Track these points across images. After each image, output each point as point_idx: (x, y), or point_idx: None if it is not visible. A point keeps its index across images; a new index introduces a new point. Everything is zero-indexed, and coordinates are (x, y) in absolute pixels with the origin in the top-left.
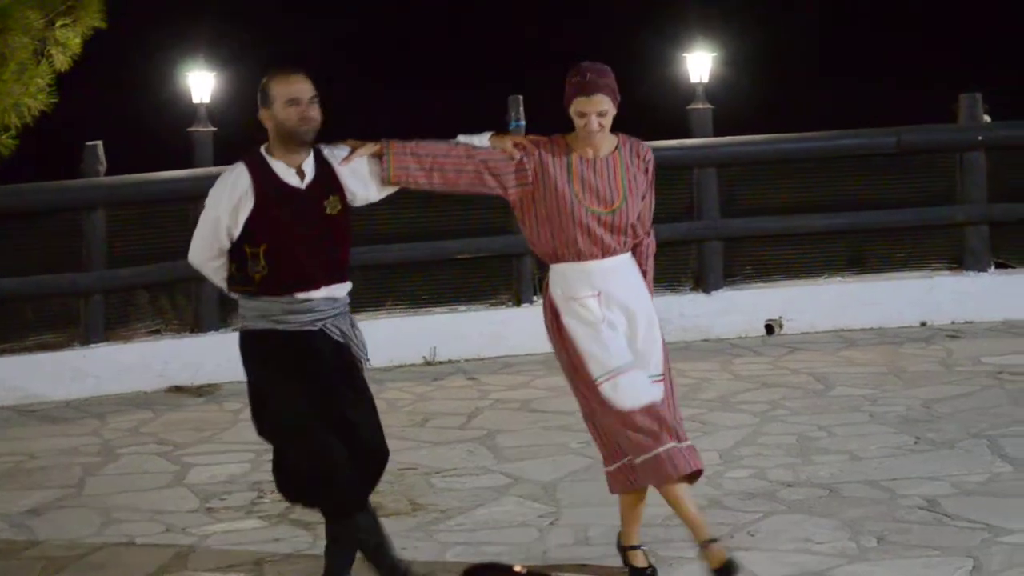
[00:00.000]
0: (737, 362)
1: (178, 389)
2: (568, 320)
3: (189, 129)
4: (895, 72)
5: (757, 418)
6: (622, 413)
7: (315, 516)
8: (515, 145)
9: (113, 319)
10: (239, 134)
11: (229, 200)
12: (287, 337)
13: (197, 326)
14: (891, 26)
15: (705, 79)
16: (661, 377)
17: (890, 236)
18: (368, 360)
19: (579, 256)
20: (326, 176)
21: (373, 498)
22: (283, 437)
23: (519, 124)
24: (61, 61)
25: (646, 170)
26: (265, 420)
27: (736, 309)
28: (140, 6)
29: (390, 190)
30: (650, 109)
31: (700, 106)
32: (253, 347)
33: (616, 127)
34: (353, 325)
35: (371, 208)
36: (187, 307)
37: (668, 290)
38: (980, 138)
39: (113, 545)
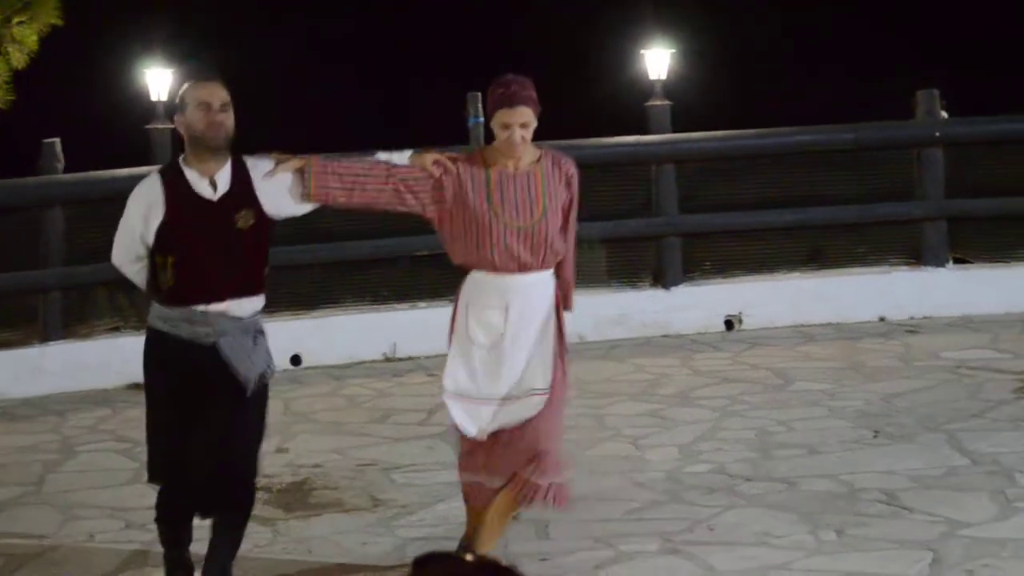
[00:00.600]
0: (697, 357)
1: (137, 386)
2: (458, 334)
3: (147, 126)
4: (853, 68)
5: (716, 413)
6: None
7: (274, 513)
8: (434, 163)
9: (72, 316)
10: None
11: (141, 208)
12: (178, 345)
13: None
14: (848, 22)
15: (663, 75)
16: (544, 392)
17: (849, 232)
18: (255, 384)
19: (494, 268)
20: (241, 189)
21: (332, 494)
22: (148, 445)
23: (477, 120)
24: (18, 59)
25: (568, 184)
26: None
27: (695, 305)
28: (97, 3)
29: (310, 206)
30: (609, 105)
31: (658, 102)
32: (148, 350)
33: (575, 122)
34: (256, 344)
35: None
36: (146, 305)
37: (628, 286)
38: (938, 134)
39: (73, 542)
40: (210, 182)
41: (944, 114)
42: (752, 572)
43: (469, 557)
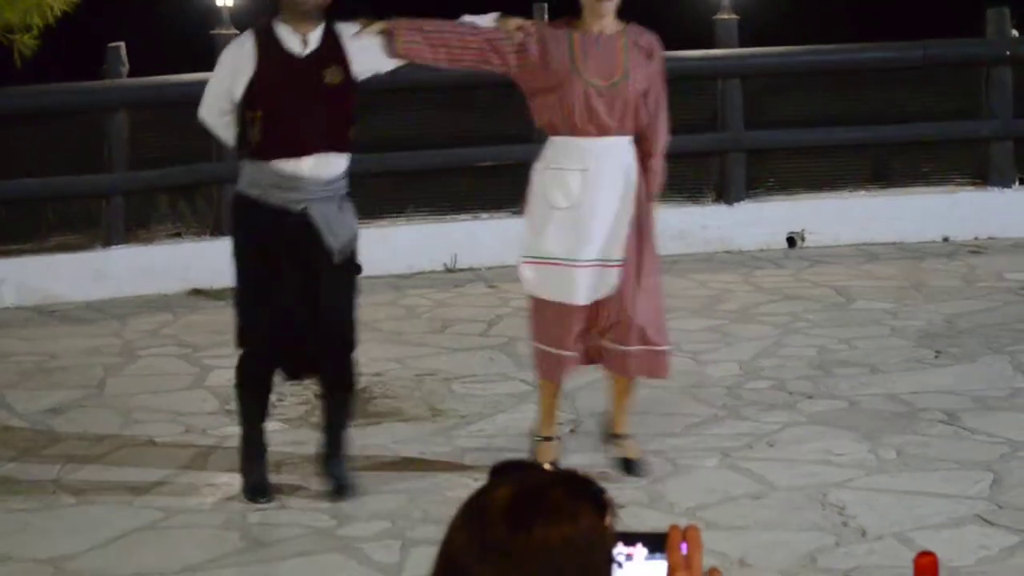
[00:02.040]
0: (758, 274)
1: (197, 292)
2: (534, 198)
3: (212, 32)
4: None
5: (778, 330)
6: (551, 303)
7: None
8: (518, 27)
9: (134, 221)
10: None
11: (232, 62)
12: (268, 212)
13: (217, 229)
14: None
15: None
16: (620, 263)
17: (914, 150)
18: (341, 251)
19: (574, 130)
20: (331, 46)
21: (392, 403)
22: (236, 312)
23: None
24: None
25: (651, 55)
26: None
27: (758, 221)
28: None
29: (397, 63)
30: (675, 20)
31: (725, 16)
32: (237, 215)
33: None
34: (342, 209)
35: (394, 115)
36: (208, 210)
37: (690, 201)
38: (1008, 53)
39: (133, 445)
40: (301, 39)
41: (1015, 32)
42: (811, 489)
43: (547, 466)
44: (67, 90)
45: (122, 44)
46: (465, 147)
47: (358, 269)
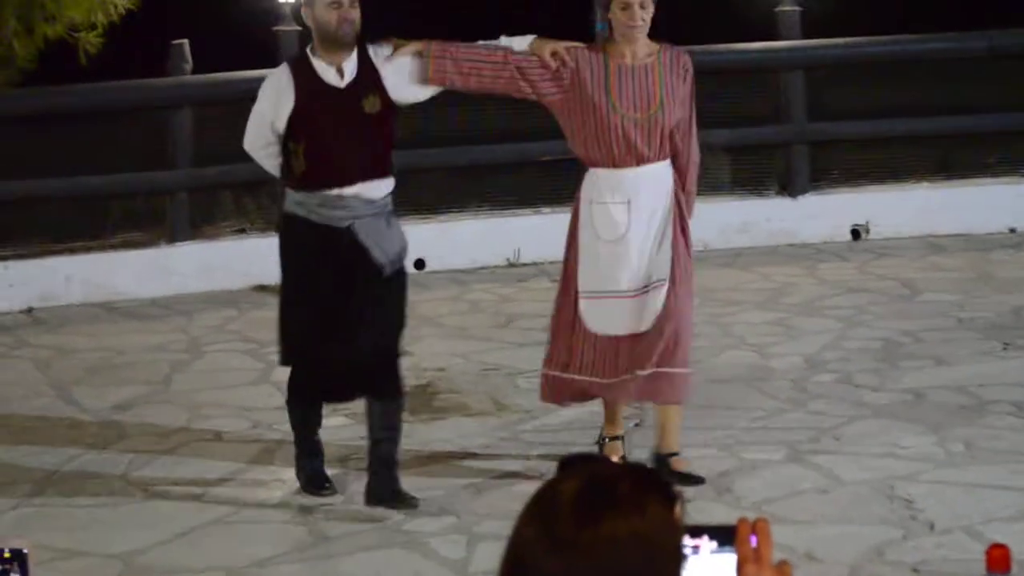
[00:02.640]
0: (822, 267)
1: (262, 288)
2: (583, 229)
3: (275, 28)
4: None
5: (842, 323)
6: (590, 333)
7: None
8: (553, 54)
9: (198, 218)
10: None
11: (271, 96)
12: (315, 230)
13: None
14: None
15: None
16: (664, 282)
17: (979, 141)
18: (392, 265)
19: (613, 163)
20: (367, 75)
21: (457, 398)
22: (281, 328)
23: (603, 27)
24: None
25: (685, 78)
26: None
27: (822, 214)
28: None
29: (431, 91)
30: (738, 10)
31: (788, 8)
32: (284, 233)
33: (703, 26)
34: (390, 225)
35: (454, 109)
36: (272, 207)
37: (753, 194)
38: None
39: (200, 440)
40: (337, 70)
41: None
42: (879, 483)
43: (616, 459)
44: (131, 87)
45: (186, 41)
46: (526, 142)
47: (421, 264)
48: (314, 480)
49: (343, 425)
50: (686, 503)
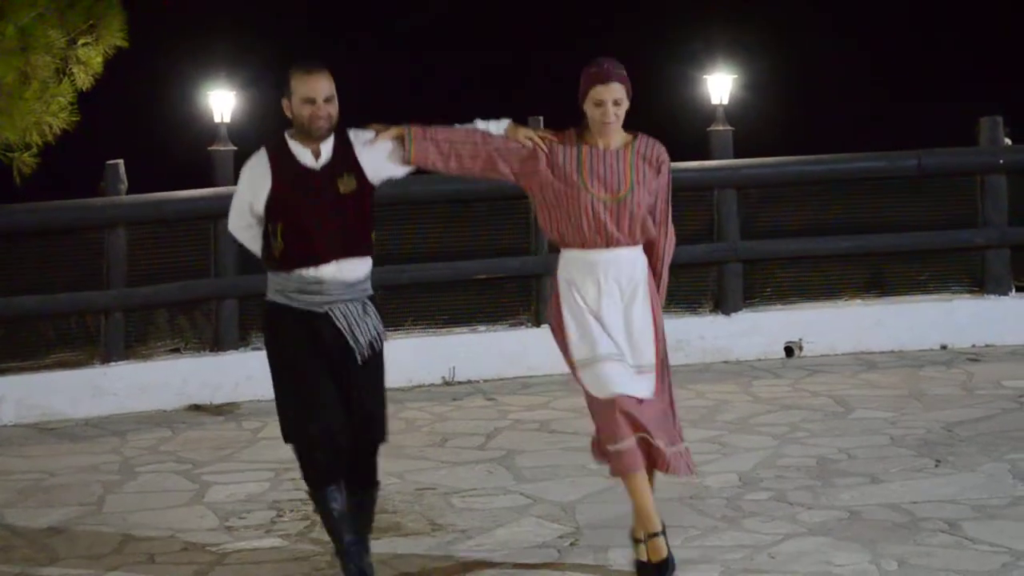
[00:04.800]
0: (757, 384)
1: (197, 408)
2: (564, 305)
3: (210, 148)
4: (915, 93)
5: (777, 440)
6: (598, 399)
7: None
8: (528, 137)
9: (133, 337)
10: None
11: (249, 180)
12: (295, 316)
13: (216, 345)
14: (911, 47)
15: (725, 100)
16: (651, 369)
17: (911, 259)
18: (366, 352)
19: (584, 244)
20: (343, 156)
21: (391, 518)
22: (279, 410)
23: None
24: (83, 80)
25: (658, 170)
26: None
27: (756, 331)
28: (161, 25)
29: (409, 169)
30: (670, 130)
31: (720, 128)
32: (267, 321)
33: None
34: (366, 311)
35: (392, 229)
36: (207, 326)
37: (688, 312)
38: (1001, 161)
39: (133, 563)
40: (313, 152)
41: (1007, 141)
42: None
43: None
44: (66, 207)
45: (121, 161)
46: (461, 260)
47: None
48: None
49: (277, 547)
50: None
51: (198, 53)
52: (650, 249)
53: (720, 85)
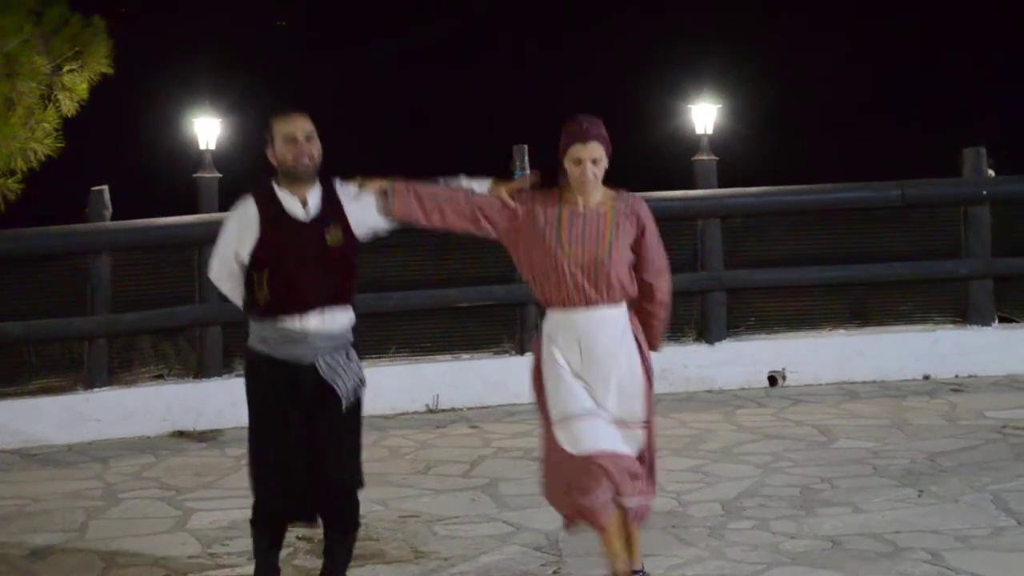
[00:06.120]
0: (740, 413)
1: (181, 434)
2: (544, 363)
3: (195, 175)
4: (899, 124)
5: (760, 469)
6: (572, 456)
7: (316, 563)
8: (510, 194)
9: (117, 364)
10: (244, 180)
11: (237, 226)
12: (279, 368)
13: (200, 371)
14: (895, 79)
15: (709, 131)
16: (643, 424)
17: (894, 289)
18: (352, 399)
19: (563, 303)
20: (330, 208)
21: (374, 545)
22: (250, 451)
23: (523, 173)
24: (68, 106)
25: (642, 227)
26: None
27: (739, 360)
28: (147, 52)
29: (393, 222)
30: (655, 160)
31: (704, 157)
32: (250, 371)
33: (622, 176)
34: (349, 358)
35: (376, 256)
36: (190, 352)
37: (672, 341)
38: (984, 192)
39: None
40: (301, 201)
41: (991, 172)
42: None
43: None
44: (51, 234)
45: (105, 187)
46: (445, 288)
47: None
48: None
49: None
50: None
51: (183, 80)
52: (649, 297)
53: (704, 114)
